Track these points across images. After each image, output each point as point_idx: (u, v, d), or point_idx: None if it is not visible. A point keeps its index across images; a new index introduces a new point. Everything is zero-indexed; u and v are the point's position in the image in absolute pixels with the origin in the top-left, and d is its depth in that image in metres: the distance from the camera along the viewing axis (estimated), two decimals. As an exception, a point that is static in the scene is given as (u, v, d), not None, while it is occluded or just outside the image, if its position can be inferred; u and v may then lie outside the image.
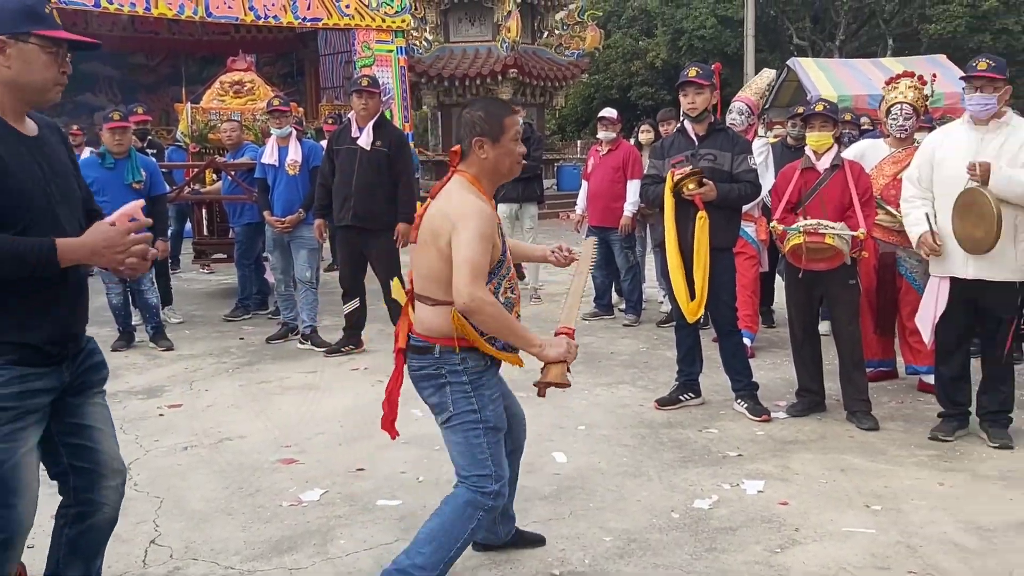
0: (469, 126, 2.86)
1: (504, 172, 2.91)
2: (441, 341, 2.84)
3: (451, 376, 2.86)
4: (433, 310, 2.85)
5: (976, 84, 4.45)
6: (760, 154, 6.34)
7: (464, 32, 20.88)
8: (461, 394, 2.86)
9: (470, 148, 2.87)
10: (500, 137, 2.86)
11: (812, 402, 5.11)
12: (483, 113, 2.87)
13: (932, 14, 26.10)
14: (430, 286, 2.85)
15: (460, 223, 2.72)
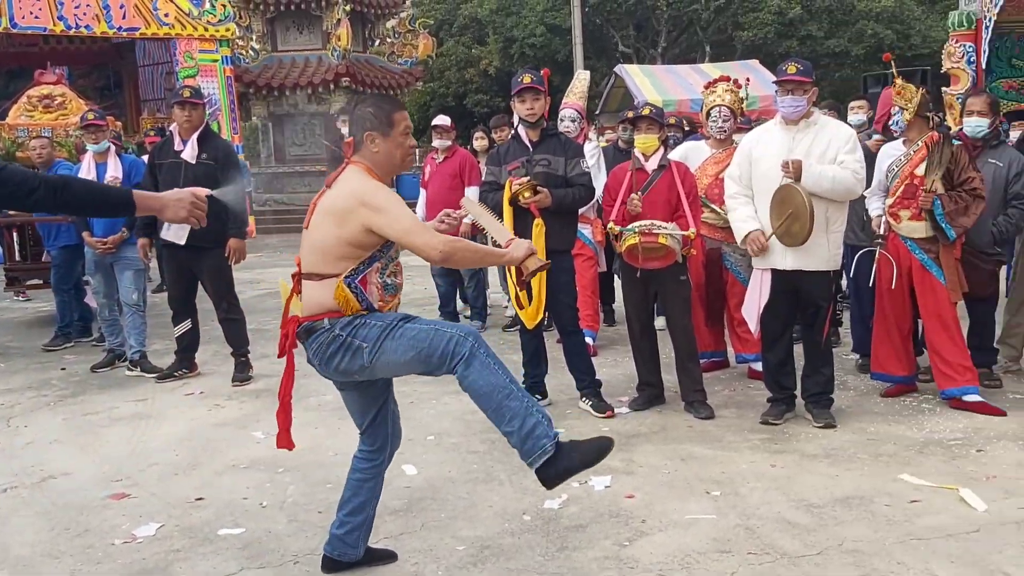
0: (360, 121, 3.00)
1: (396, 164, 3.07)
2: (329, 315, 2.93)
3: (344, 329, 2.91)
4: (320, 284, 2.94)
5: (787, 87, 4.73)
6: (591, 157, 6.51)
7: (293, 41, 20.43)
8: (362, 329, 2.91)
9: (362, 142, 3.00)
10: (390, 131, 3.00)
11: (652, 395, 5.28)
12: (373, 109, 3.02)
13: (744, 21, 27.66)
14: (319, 262, 2.94)
15: (372, 201, 2.87)
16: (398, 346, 2.88)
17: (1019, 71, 9.48)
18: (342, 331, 2.92)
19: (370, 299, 2.96)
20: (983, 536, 3.36)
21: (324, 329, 2.94)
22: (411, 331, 2.88)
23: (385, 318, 2.94)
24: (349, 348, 2.92)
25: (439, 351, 2.84)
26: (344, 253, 2.92)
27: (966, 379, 4.88)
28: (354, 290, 2.93)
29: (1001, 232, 5.21)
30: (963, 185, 4.88)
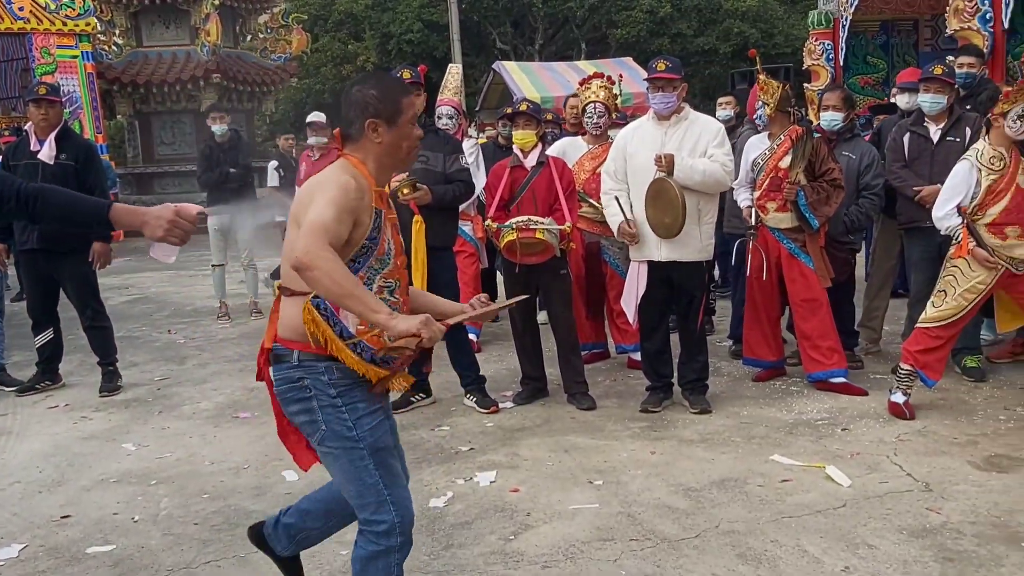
0: (360, 106, 2.49)
1: (401, 158, 2.57)
2: (300, 346, 2.43)
3: (316, 387, 2.43)
4: (291, 301, 2.45)
5: (657, 84, 4.85)
6: (470, 154, 6.50)
7: (159, 36, 19.62)
8: (331, 409, 2.42)
9: (361, 131, 2.49)
10: (397, 119, 2.49)
11: (536, 389, 5.33)
12: (376, 92, 2.50)
13: (618, 19, 28.22)
14: (288, 273, 2.39)
15: (317, 193, 2.36)
16: (340, 462, 2.46)
17: (874, 68, 10.02)
18: (309, 385, 2.44)
19: (344, 323, 2.39)
20: (848, 510, 3.53)
21: (289, 370, 2.46)
22: (364, 470, 2.43)
23: (355, 416, 2.43)
24: (305, 410, 2.46)
25: (355, 496, 2.47)
26: None
27: (833, 362, 5.11)
28: (323, 312, 2.39)
29: (853, 221, 5.48)
30: (824, 176, 5.11)
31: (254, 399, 5.59)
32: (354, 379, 2.44)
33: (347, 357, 2.39)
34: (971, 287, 4.53)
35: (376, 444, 2.46)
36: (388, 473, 2.47)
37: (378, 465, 2.45)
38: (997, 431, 4.36)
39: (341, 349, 2.39)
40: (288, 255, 2.36)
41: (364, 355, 2.40)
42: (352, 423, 2.43)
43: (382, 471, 2.46)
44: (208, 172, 7.89)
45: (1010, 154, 4.52)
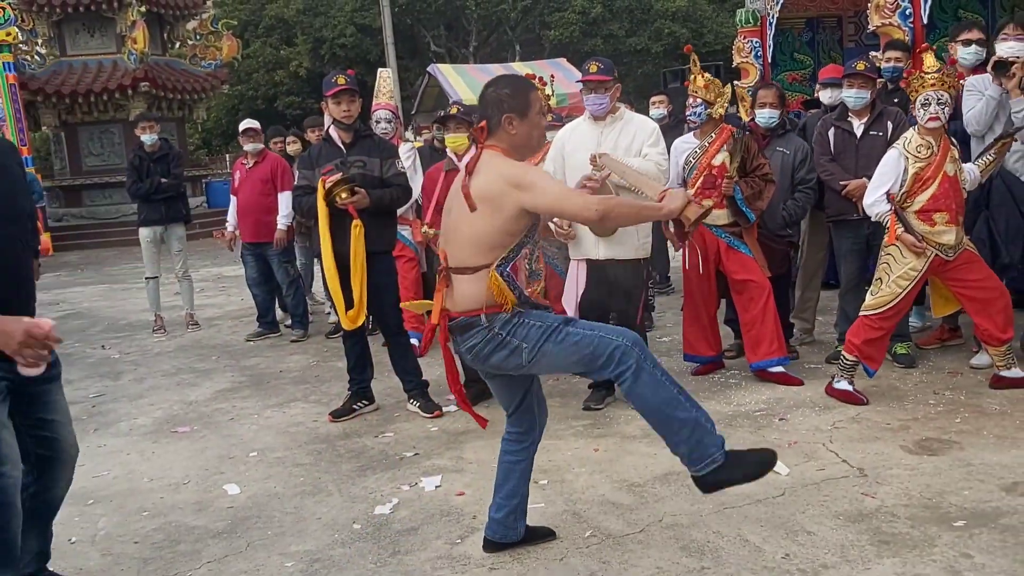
0: (496, 103, 2.96)
1: (533, 145, 3.06)
2: (484, 310, 2.90)
3: (503, 327, 2.90)
4: (473, 278, 2.92)
5: (590, 86, 4.90)
6: (408, 158, 6.49)
7: (83, 45, 19.16)
8: (520, 327, 2.89)
9: (499, 125, 2.96)
10: (527, 112, 2.96)
11: (480, 391, 5.29)
12: (509, 90, 2.97)
13: (551, 21, 28.42)
14: (470, 255, 2.92)
15: (522, 180, 2.83)
16: (560, 351, 2.87)
17: (801, 64, 10.23)
18: (501, 330, 2.90)
19: (520, 287, 2.92)
20: (787, 499, 3.61)
21: (482, 327, 2.92)
22: (574, 336, 2.86)
23: (545, 319, 2.91)
24: (507, 347, 2.91)
25: (603, 358, 2.84)
26: (497, 242, 2.89)
27: (775, 349, 5.19)
28: (506, 278, 2.89)
29: (790, 215, 5.61)
30: (755, 171, 5.22)
31: (192, 413, 5.50)
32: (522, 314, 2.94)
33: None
34: (904, 273, 4.67)
35: (564, 320, 2.93)
36: (589, 326, 2.91)
37: (577, 327, 2.90)
38: (927, 415, 4.50)
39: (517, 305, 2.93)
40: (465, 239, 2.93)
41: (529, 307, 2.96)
42: (538, 321, 2.90)
43: (584, 328, 2.89)
44: (138, 183, 7.71)
45: (938, 142, 4.66)
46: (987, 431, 4.21)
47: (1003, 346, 4.73)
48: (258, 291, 7.69)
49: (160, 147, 7.82)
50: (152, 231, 7.84)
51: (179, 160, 8.04)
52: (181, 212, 7.99)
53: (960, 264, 4.72)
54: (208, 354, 7.18)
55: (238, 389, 6.03)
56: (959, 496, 3.52)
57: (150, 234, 7.85)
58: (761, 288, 5.18)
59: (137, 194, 7.77)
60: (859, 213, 5.27)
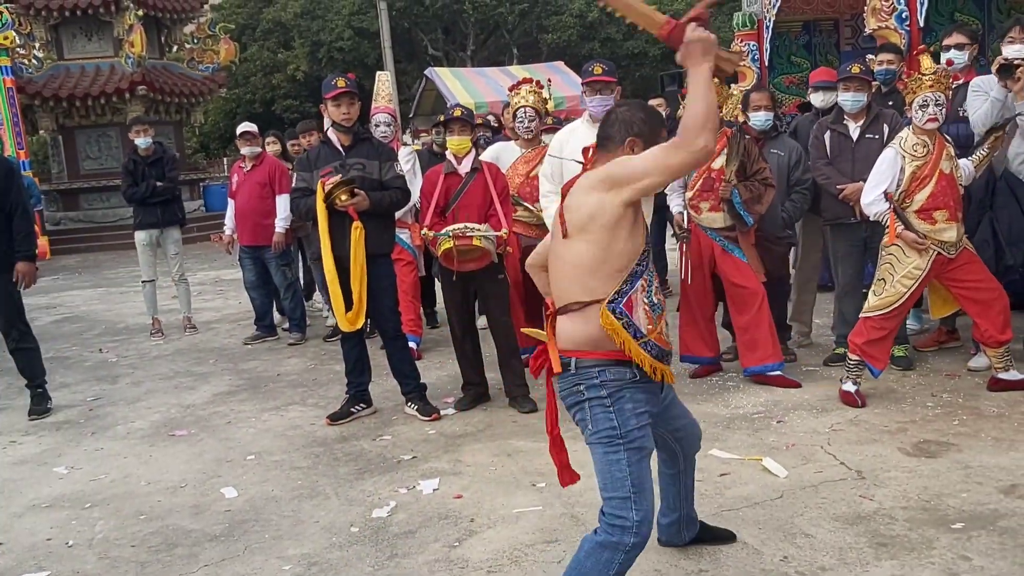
0: (626, 124, 2.70)
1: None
2: (578, 353, 2.63)
3: (589, 391, 2.63)
4: (580, 315, 2.62)
5: (595, 87, 4.91)
6: (407, 162, 6.50)
7: (81, 48, 19.14)
8: (600, 408, 2.62)
9: (620, 145, 2.68)
10: (654, 144, 2.64)
11: (477, 394, 5.33)
12: (644, 115, 2.73)
13: (548, 24, 28.47)
14: (575, 288, 2.62)
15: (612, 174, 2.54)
16: (600, 458, 2.64)
17: (797, 67, 10.24)
18: (583, 390, 2.63)
19: (637, 324, 2.59)
20: (785, 501, 3.61)
21: (568, 378, 2.66)
22: (620, 464, 2.60)
23: (626, 423, 2.60)
24: (580, 411, 2.66)
25: (612, 504, 2.61)
26: (606, 271, 2.58)
27: (770, 354, 5.20)
28: (620, 316, 2.58)
29: (790, 216, 5.63)
30: (756, 175, 5.23)
31: (190, 416, 5.49)
32: (623, 383, 2.63)
33: (641, 355, 2.60)
34: (908, 272, 4.67)
35: (634, 443, 2.62)
36: (639, 474, 2.62)
37: (631, 463, 2.61)
38: (925, 417, 4.50)
39: (636, 350, 2.60)
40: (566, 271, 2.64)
41: (652, 352, 2.63)
42: (617, 421, 2.61)
43: (633, 469, 2.61)
44: (133, 187, 7.67)
45: (933, 141, 4.67)
46: (985, 433, 4.21)
47: (1001, 347, 4.73)
48: (256, 294, 7.68)
49: (154, 151, 7.79)
50: (148, 234, 7.82)
51: (174, 163, 7.99)
52: (177, 215, 7.96)
53: (961, 264, 4.73)
54: (205, 357, 7.17)
55: (235, 392, 6.02)
56: (957, 498, 3.52)
57: (146, 237, 7.83)
58: (755, 294, 5.18)
59: (133, 198, 7.75)
60: (856, 216, 5.28)
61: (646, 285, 2.63)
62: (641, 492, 2.61)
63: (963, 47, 5.31)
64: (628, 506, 2.59)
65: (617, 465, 2.61)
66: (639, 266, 2.62)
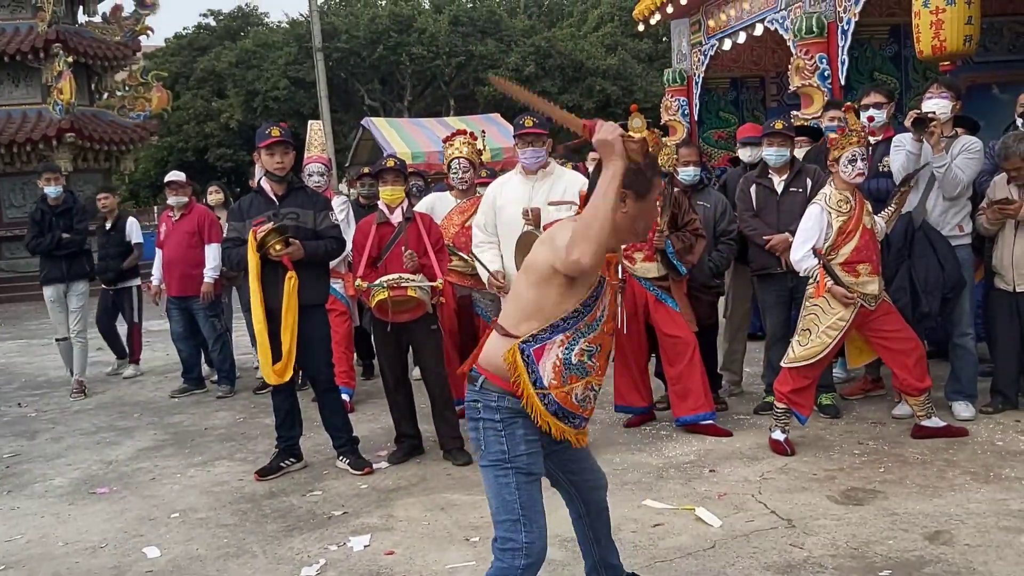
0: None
1: (638, 232, 2.74)
2: (488, 374, 2.67)
3: (485, 412, 2.68)
4: (502, 342, 2.66)
5: (526, 139, 4.97)
6: (341, 211, 6.47)
7: (7, 94, 18.77)
8: (492, 431, 2.66)
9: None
10: (646, 195, 2.66)
11: (411, 447, 5.26)
12: (640, 167, 2.66)
13: (484, 77, 28.81)
14: (510, 316, 2.69)
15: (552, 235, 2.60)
16: (490, 483, 2.68)
17: (726, 122, 10.53)
18: (483, 410, 2.68)
19: (540, 373, 2.61)
20: (718, 551, 3.62)
21: (472, 393, 2.72)
22: (510, 488, 2.63)
23: (515, 448, 2.64)
24: (475, 429, 2.72)
25: (502, 529, 2.65)
26: (531, 312, 2.61)
27: (701, 404, 5.25)
28: (526, 359, 2.60)
29: (717, 265, 5.75)
30: (687, 226, 5.33)
31: (112, 473, 5.30)
32: (518, 412, 2.65)
33: (535, 405, 2.63)
34: (832, 324, 4.79)
35: (523, 468, 2.65)
36: (528, 496, 2.65)
37: (519, 485, 2.64)
38: (852, 465, 4.58)
39: (531, 396, 2.62)
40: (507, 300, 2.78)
41: (549, 407, 2.64)
42: (507, 445, 2.64)
43: (522, 491, 2.64)
44: (38, 238, 7.38)
45: (855, 197, 4.83)
46: (910, 480, 4.30)
47: (921, 395, 4.86)
48: (183, 346, 7.50)
49: (64, 200, 7.51)
50: (55, 289, 7.49)
51: (84, 214, 7.70)
52: (84, 269, 7.64)
53: (880, 315, 4.86)
54: (130, 411, 6.95)
55: (161, 447, 5.84)
56: (884, 545, 3.58)
57: (53, 293, 7.49)
58: (687, 343, 5.25)
59: (37, 249, 7.43)
60: (782, 267, 5.41)
61: (566, 342, 2.61)
62: (530, 514, 2.65)
63: (881, 106, 5.53)
64: (518, 528, 2.63)
65: (507, 488, 2.65)
66: (565, 322, 2.61)
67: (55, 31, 17.92)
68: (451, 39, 28.48)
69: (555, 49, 29.16)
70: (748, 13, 8.77)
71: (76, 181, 18.58)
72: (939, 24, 5.97)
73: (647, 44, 31.54)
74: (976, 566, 3.35)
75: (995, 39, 8.31)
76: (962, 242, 5.29)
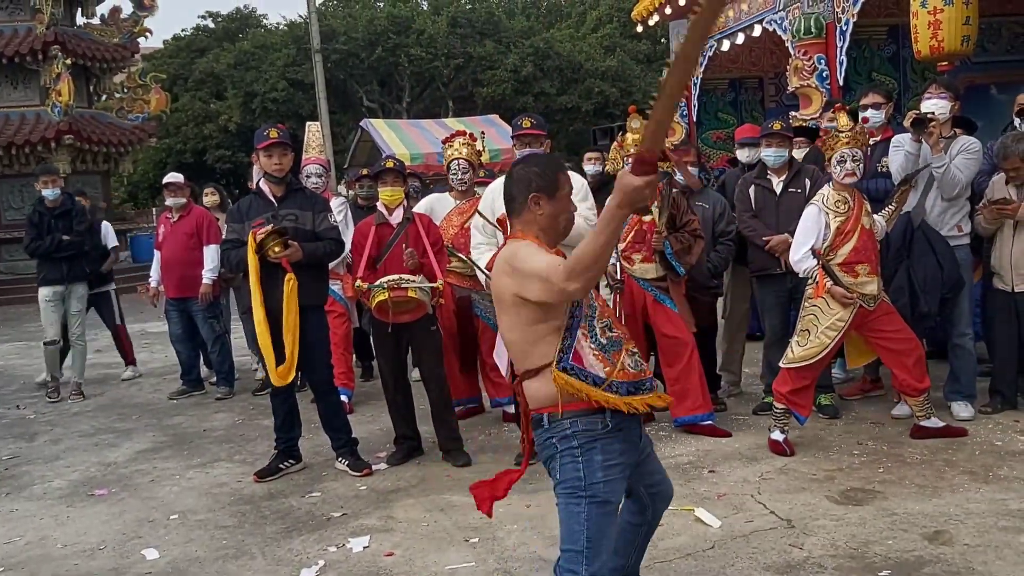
0: (524, 182, 2.70)
1: (560, 230, 2.74)
2: (549, 409, 2.64)
3: (560, 443, 2.63)
4: (539, 378, 2.64)
5: (524, 140, 4.97)
6: (339, 212, 6.47)
7: (6, 96, 18.77)
8: (569, 458, 2.62)
9: (524, 205, 2.69)
10: (555, 192, 2.69)
11: (410, 448, 5.26)
12: (537, 168, 2.73)
13: (483, 79, 28.85)
14: (522, 359, 2.68)
15: (516, 264, 2.58)
16: (563, 510, 2.66)
17: (725, 123, 10.55)
18: (555, 443, 2.63)
19: (593, 372, 2.60)
20: (717, 552, 3.62)
21: (542, 433, 2.67)
22: (580, 517, 2.61)
23: (592, 475, 2.60)
24: (553, 463, 2.67)
25: (563, 538, 2.66)
26: (538, 336, 2.61)
27: (700, 405, 5.25)
28: (571, 371, 2.59)
29: (715, 266, 5.75)
30: (685, 227, 5.33)
31: (111, 475, 5.30)
32: (596, 433, 2.62)
33: (611, 400, 2.59)
34: (831, 324, 4.79)
35: (597, 496, 2.61)
36: (598, 529, 2.61)
37: (590, 516, 2.60)
38: (852, 465, 4.58)
39: (603, 396, 2.59)
40: (508, 346, 2.70)
41: (620, 391, 2.61)
42: (584, 472, 2.60)
43: (592, 523, 2.60)
44: (37, 240, 7.34)
45: (853, 197, 4.84)
46: (909, 480, 4.30)
47: (921, 396, 4.86)
48: (182, 347, 7.49)
49: (62, 202, 7.47)
50: (53, 291, 7.44)
51: (83, 216, 7.66)
52: (84, 271, 7.60)
53: (879, 315, 4.86)
54: (129, 413, 6.95)
55: (160, 449, 5.83)
56: (883, 546, 3.58)
57: (51, 294, 7.45)
58: (685, 344, 5.25)
59: (36, 252, 7.38)
60: (781, 267, 5.41)
61: (587, 331, 2.62)
62: (596, 549, 2.61)
63: (879, 106, 5.53)
64: (579, 560, 2.60)
65: (576, 518, 2.62)
66: (572, 319, 2.62)
67: (53, 33, 17.92)
68: (449, 40, 28.48)
69: (553, 50, 29.19)
70: (746, 14, 8.79)
71: (75, 183, 18.60)
72: (937, 24, 5.99)
73: (646, 45, 31.57)
74: (975, 566, 3.35)
75: (993, 39, 8.33)
76: (961, 242, 5.30)
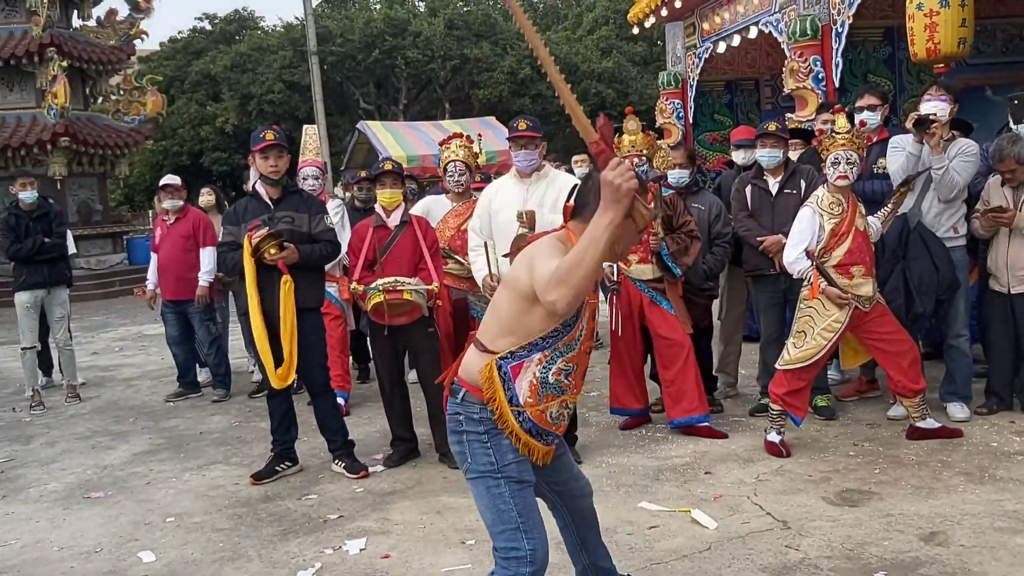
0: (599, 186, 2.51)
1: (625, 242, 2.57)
2: (470, 387, 2.65)
3: (467, 424, 2.65)
4: (480, 357, 2.64)
5: (520, 143, 4.98)
6: (336, 214, 6.47)
7: (2, 99, 18.70)
8: (478, 444, 2.64)
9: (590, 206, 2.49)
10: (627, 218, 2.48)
11: (407, 450, 5.26)
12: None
13: (480, 81, 28.84)
14: (488, 331, 2.66)
15: (533, 256, 2.52)
16: (482, 496, 2.66)
17: (721, 125, 10.56)
18: (466, 423, 2.65)
19: (516, 391, 2.58)
20: (713, 553, 3.62)
21: (453, 406, 2.70)
22: (503, 499, 2.61)
23: (503, 457, 2.61)
24: (459, 443, 2.68)
25: (492, 523, 2.65)
26: (510, 328, 2.58)
27: (696, 407, 5.25)
28: (503, 376, 2.58)
29: (711, 268, 5.76)
30: (681, 228, 5.34)
31: (107, 477, 5.29)
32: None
33: (510, 423, 2.61)
34: (827, 325, 4.80)
35: (514, 475, 2.63)
36: (524, 503, 2.64)
37: (514, 493, 2.62)
38: (848, 467, 4.59)
39: (506, 414, 2.60)
40: (487, 313, 2.69)
41: (525, 425, 2.62)
42: (495, 455, 2.62)
43: (517, 499, 2.62)
44: (17, 243, 7.24)
45: (847, 199, 4.85)
46: (905, 481, 4.31)
47: (916, 397, 4.87)
48: (178, 350, 7.48)
49: (39, 205, 7.40)
50: (33, 295, 7.35)
51: (61, 219, 7.61)
52: (65, 274, 7.53)
53: (874, 317, 4.87)
54: (125, 416, 6.94)
55: (156, 452, 5.83)
56: (879, 547, 3.58)
57: (30, 299, 7.34)
58: (681, 346, 5.26)
59: (18, 255, 7.27)
60: (776, 268, 5.42)
61: (545, 360, 2.58)
62: (529, 521, 2.63)
63: (875, 108, 5.55)
64: (519, 536, 2.61)
65: (501, 498, 2.63)
66: (544, 340, 2.57)
67: (49, 35, 17.88)
68: (446, 42, 28.46)
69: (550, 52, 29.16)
70: (742, 16, 8.80)
71: (71, 185, 18.59)
72: (933, 27, 5.99)
73: (642, 47, 31.59)
74: (971, 567, 3.35)
75: (988, 41, 8.34)
76: (957, 243, 5.31)
